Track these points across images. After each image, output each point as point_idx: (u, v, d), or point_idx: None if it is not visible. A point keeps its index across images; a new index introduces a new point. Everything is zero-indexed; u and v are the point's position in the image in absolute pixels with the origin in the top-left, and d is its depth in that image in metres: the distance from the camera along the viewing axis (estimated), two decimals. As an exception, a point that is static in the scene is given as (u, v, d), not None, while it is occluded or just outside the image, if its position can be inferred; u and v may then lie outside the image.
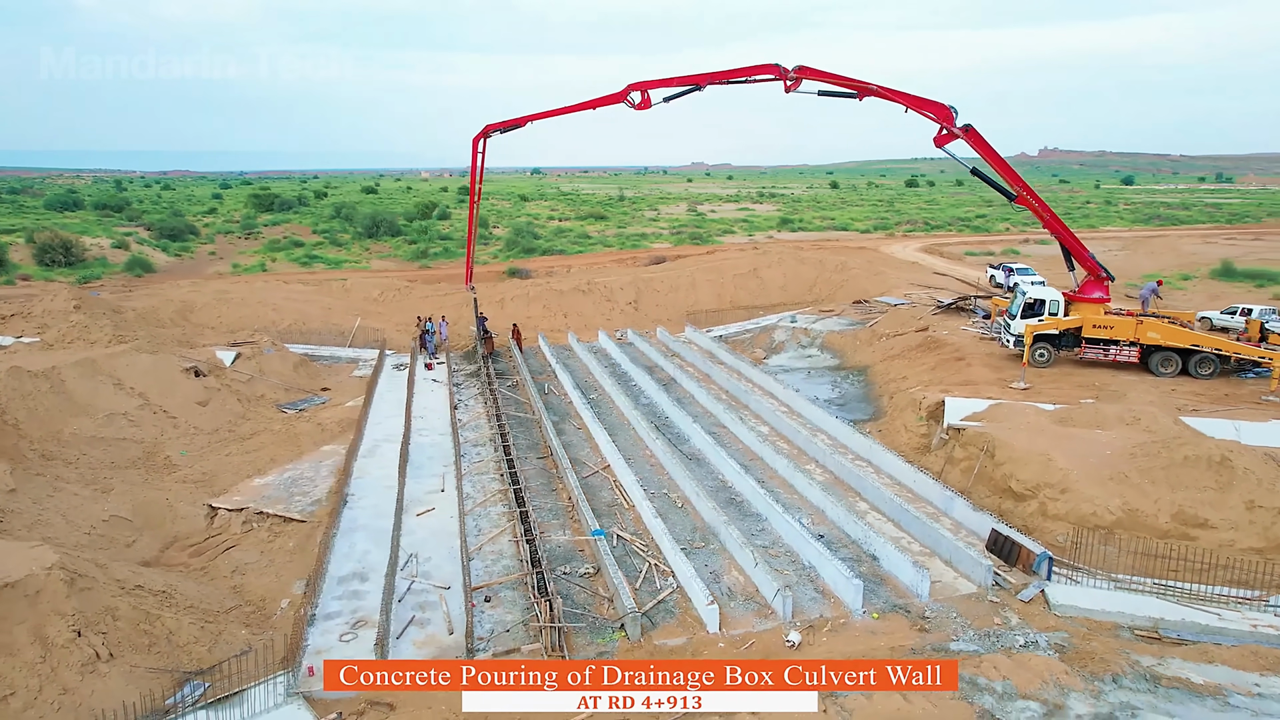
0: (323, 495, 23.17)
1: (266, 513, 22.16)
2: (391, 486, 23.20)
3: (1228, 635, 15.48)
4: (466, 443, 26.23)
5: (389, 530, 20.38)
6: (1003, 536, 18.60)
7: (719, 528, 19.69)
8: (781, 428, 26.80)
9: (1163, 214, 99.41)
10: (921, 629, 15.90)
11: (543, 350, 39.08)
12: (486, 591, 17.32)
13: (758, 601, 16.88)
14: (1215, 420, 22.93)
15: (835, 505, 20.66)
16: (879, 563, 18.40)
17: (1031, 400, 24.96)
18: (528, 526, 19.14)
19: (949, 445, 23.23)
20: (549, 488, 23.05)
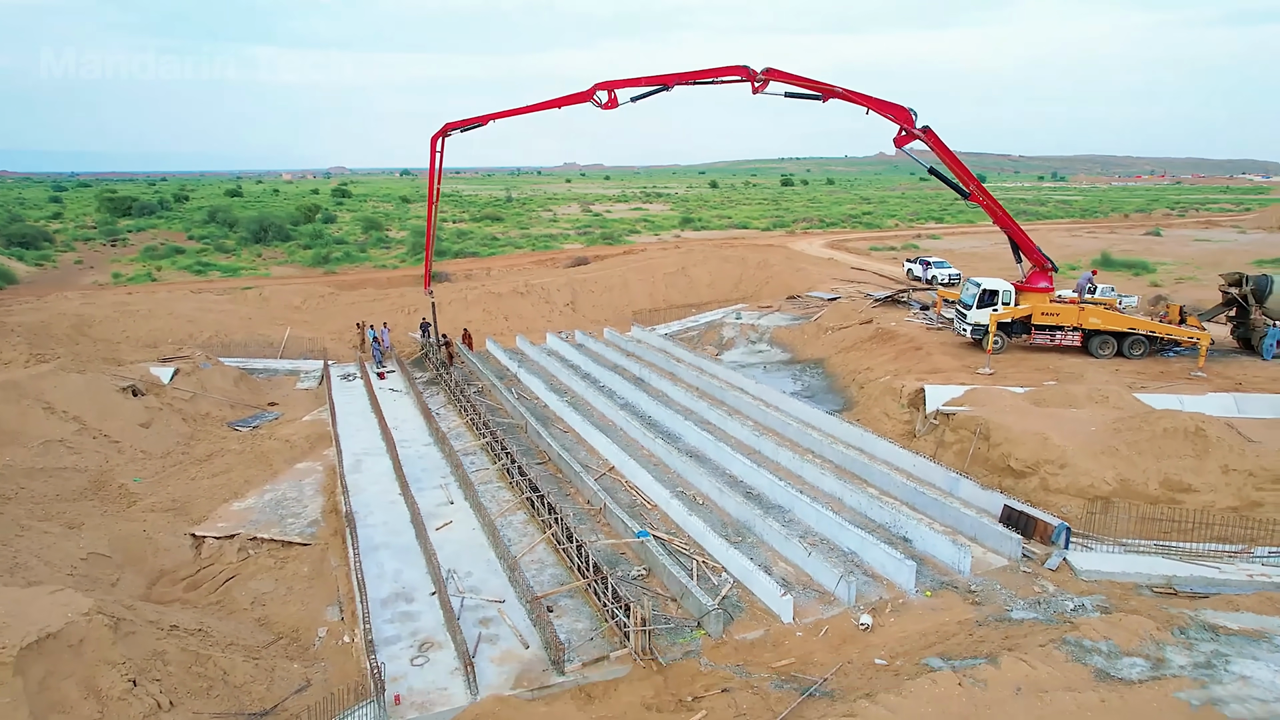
0: (317, 515, 21.85)
1: (261, 538, 20.71)
2: (394, 501, 22.21)
3: (1230, 585, 17.22)
4: (457, 452, 25.32)
5: (411, 547, 19.55)
6: (1016, 511, 19.89)
7: (752, 522, 20.02)
8: (769, 421, 27.45)
9: (1025, 210, 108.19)
10: (974, 602, 16.82)
11: (495, 354, 38.20)
12: (547, 601, 16.89)
13: (816, 589, 17.32)
14: (1161, 395, 25.41)
15: (853, 493, 21.44)
16: (912, 544, 19.27)
17: (999, 384, 26.75)
18: (569, 533, 18.77)
19: (938, 430, 24.55)
20: (562, 493, 22.64)
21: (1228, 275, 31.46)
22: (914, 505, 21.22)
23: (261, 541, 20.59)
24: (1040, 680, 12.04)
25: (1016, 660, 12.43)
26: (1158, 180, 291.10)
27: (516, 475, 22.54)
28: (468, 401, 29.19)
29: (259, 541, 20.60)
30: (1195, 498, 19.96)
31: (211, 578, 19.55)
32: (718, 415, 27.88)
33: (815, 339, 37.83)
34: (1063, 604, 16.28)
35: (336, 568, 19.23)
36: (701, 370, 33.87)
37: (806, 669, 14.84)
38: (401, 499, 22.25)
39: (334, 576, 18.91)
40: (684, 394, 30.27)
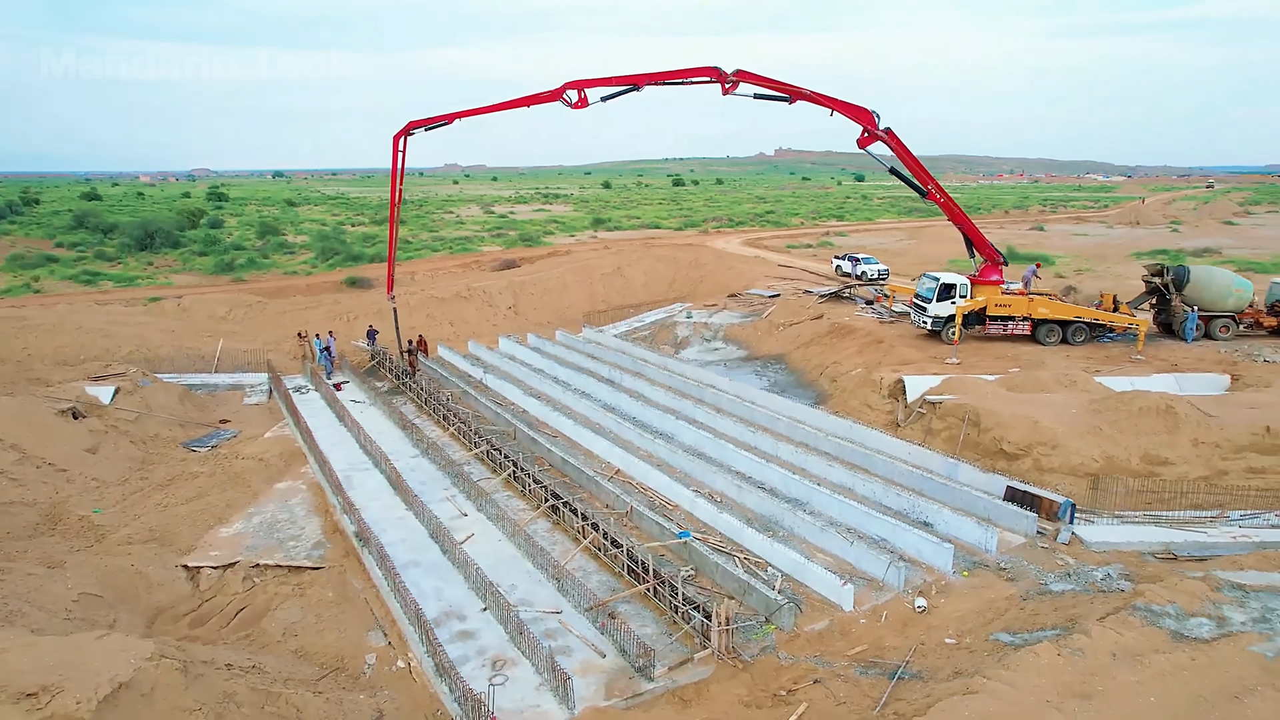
0: (319, 536, 20.69)
1: (265, 564, 19.41)
2: (403, 518, 21.29)
3: (1220, 548, 18.90)
4: (452, 462, 24.44)
5: (442, 564, 18.85)
6: (1020, 491, 21.10)
7: (779, 516, 20.36)
8: (757, 417, 27.90)
9: (914, 207, 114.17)
10: (1008, 579, 17.76)
11: (452, 361, 37.04)
12: (609, 608, 16.61)
13: (863, 577, 17.80)
14: (1114, 378, 27.55)
15: (864, 482, 22.15)
16: (934, 528, 20.10)
17: (968, 373, 28.26)
18: (612, 538, 18.51)
19: (925, 419, 25.69)
20: (576, 499, 22.25)
21: (1150, 266, 34.47)
22: (922, 491, 22.10)
23: (266, 568, 19.28)
24: (1129, 645, 12.87)
25: (1104, 629, 13.23)
26: (1018, 179, 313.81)
27: (530, 483, 21.98)
28: (446, 410, 28.18)
29: (263, 569, 19.27)
30: (1171, 470, 21.77)
31: (219, 610, 18.15)
32: (704, 413, 28.12)
33: (769, 335, 38.69)
34: (1091, 574, 17.42)
35: (363, 590, 18.22)
36: (669, 369, 34.00)
37: (882, 654, 15.26)
38: (410, 514, 21.30)
39: (363, 599, 17.92)
40: (662, 394, 30.34)
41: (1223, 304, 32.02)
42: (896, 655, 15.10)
